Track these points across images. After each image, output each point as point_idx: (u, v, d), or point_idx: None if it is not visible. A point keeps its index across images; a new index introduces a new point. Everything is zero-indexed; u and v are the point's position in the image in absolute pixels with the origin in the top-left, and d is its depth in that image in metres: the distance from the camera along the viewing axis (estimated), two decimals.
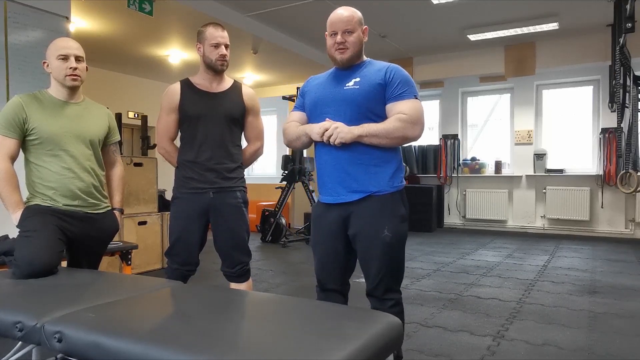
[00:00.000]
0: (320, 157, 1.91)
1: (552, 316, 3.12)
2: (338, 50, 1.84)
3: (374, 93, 1.80)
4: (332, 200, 1.87)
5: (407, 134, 1.78)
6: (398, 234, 1.81)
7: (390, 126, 1.76)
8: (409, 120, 1.76)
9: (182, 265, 2.31)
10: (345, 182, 1.82)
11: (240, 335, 1.22)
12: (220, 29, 2.28)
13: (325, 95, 1.87)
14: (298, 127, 1.93)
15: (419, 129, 1.79)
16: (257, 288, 3.85)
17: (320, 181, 1.94)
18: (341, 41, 1.82)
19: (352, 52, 1.84)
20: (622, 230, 7.06)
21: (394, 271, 1.85)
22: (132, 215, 4.46)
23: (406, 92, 1.80)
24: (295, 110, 2.03)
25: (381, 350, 1.19)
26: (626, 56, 5.19)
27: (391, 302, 1.85)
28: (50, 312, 1.35)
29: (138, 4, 4.59)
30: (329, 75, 1.95)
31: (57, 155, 2.02)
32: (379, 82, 1.81)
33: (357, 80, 1.84)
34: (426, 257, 5.38)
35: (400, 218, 1.83)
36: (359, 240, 1.83)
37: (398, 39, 6.75)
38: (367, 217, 1.80)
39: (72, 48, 2.04)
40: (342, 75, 1.89)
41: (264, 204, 7.71)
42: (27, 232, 1.92)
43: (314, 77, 2.02)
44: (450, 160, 8.29)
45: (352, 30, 1.82)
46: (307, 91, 1.99)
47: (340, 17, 1.83)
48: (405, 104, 1.79)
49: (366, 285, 1.88)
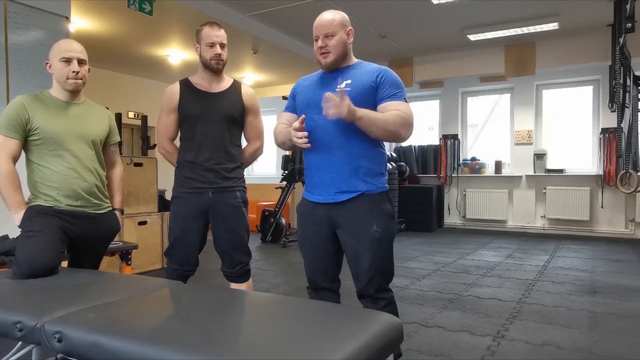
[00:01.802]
0: (310, 158, 1.91)
1: (552, 316, 3.12)
2: (321, 55, 1.86)
3: (365, 95, 1.82)
4: (322, 200, 1.87)
5: (400, 132, 1.79)
6: (386, 231, 1.83)
7: (390, 118, 1.77)
8: (406, 119, 1.79)
9: (181, 265, 2.31)
10: (334, 182, 1.84)
11: (240, 335, 1.22)
12: (217, 28, 2.27)
13: (316, 97, 1.86)
14: (285, 129, 1.94)
15: (410, 130, 1.83)
16: (257, 288, 3.85)
17: (309, 180, 1.94)
18: (322, 45, 1.85)
19: (335, 55, 1.86)
20: (622, 230, 7.06)
21: (383, 268, 1.85)
22: (132, 215, 4.46)
23: (397, 94, 1.83)
24: (286, 112, 2.03)
25: (381, 350, 1.19)
26: (626, 56, 5.19)
27: (384, 301, 1.85)
28: (50, 312, 1.35)
29: (138, 4, 4.59)
30: (320, 76, 1.96)
31: (60, 155, 2.02)
32: (370, 84, 1.83)
33: (349, 82, 1.85)
34: (426, 257, 5.38)
35: (389, 215, 1.85)
36: (348, 239, 1.84)
37: (398, 39, 6.75)
38: (355, 215, 1.82)
39: (75, 51, 2.05)
40: (331, 77, 1.90)
41: (264, 204, 7.70)
42: (29, 232, 1.92)
43: (305, 78, 2.02)
44: (450, 160, 8.29)
45: (333, 34, 1.83)
46: (297, 92, 2.00)
47: (320, 21, 1.86)
48: (400, 104, 1.81)
49: (356, 287, 1.88)
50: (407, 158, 8.49)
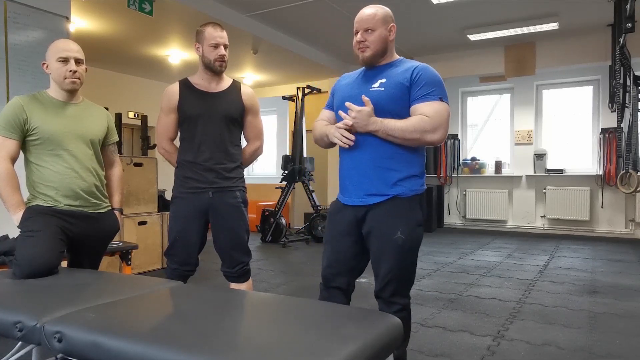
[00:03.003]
0: (342, 159, 1.90)
1: (552, 316, 3.12)
2: (359, 50, 1.82)
3: (398, 95, 1.76)
4: (351, 202, 1.85)
5: (424, 138, 1.72)
6: (411, 238, 1.78)
7: (409, 126, 1.71)
8: (430, 123, 1.71)
9: (180, 265, 2.31)
10: (364, 185, 1.80)
11: (240, 335, 1.22)
12: (219, 29, 2.27)
13: (352, 96, 1.84)
14: (324, 126, 1.92)
15: (439, 133, 1.73)
16: (257, 288, 3.85)
17: (341, 182, 1.92)
18: (360, 40, 1.80)
19: (373, 51, 1.81)
20: (622, 230, 7.06)
21: (403, 274, 1.82)
22: (132, 215, 4.46)
23: (431, 93, 1.74)
24: (326, 109, 2.02)
25: (381, 351, 1.19)
26: (626, 56, 5.19)
27: (398, 306, 1.82)
28: (50, 312, 1.35)
29: (138, 4, 4.59)
30: (358, 75, 1.94)
31: (59, 155, 2.02)
32: (404, 83, 1.76)
33: (383, 81, 1.80)
34: (426, 257, 5.37)
35: (416, 222, 1.80)
36: (373, 239, 1.81)
37: (398, 39, 6.67)
38: (382, 217, 1.78)
39: (72, 51, 2.04)
40: (370, 75, 1.87)
41: (264, 204, 7.70)
42: (28, 232, 1.92)
43: (345, 76, 2.01)
44: (450, 160, 8.29)
45: (373, 29, 1.79)
46: (336, 90, 1.98)
47: (361, 15, 1.82)
48: (429, 105, 1.73)
49: (375, 286, 1.87)
50: None
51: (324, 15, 5.54)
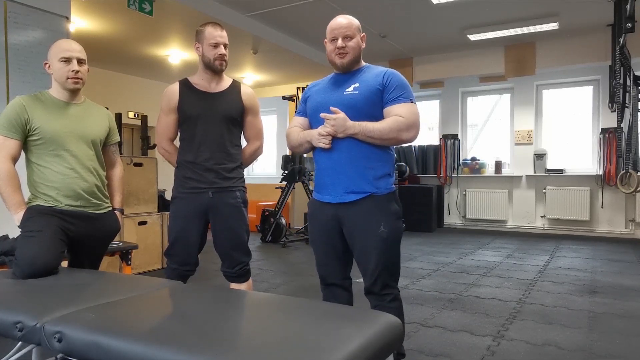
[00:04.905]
0: (319, 159, 1.98)
1: (552, 316, 3.12)
2: (338, 55, 1.92)
3: (372, 98, 1.88)
4: (330, 200, 1.93)
5: (401, 136, 1.85)
6: (394, 230, 1.88)
7: (386, 127, 1.83)
8: (405, 123, 1.83)
9: (180, 265, 2.31)
10: (342, 183, 1.89)
11: (240, 335, 1.22)
12: (219, 29, 2.27)
13: (326, 101, 1.93)
14: (300, 132, 2.01)
15: (413, 132, 1.87)
16: (257, 288, 3.85)
17: (319, 181, 2.00)
18: (342, 46, 1.90)
19: (352, 57, 1.93)
20: (622, 230, 7.06)
21: (391, 266, 1.91)
22: (132, 215, 4.46)
23: (402, 96, 1.87)
24: (298, 116, 2.10)
25: (381, 351, 1.19)
26: (626, 56, 5.19)
27: (390, 297, 1.91)
28: (50, 312, 1.35)
29: (138, 4, 4.59)
30: (329, 81, 2.03)
31: (60, 155, 2.02)
32: (377, 86, 1.88)
33: (357, 85, 1.91)
34: (426, 257, 5.38)
35: (395, 215, 1.90)
36: (356, 238, 1.89)
37: (398, 39, 6.75)
38: (363, 215, 1.86)
39: (74, 51, 2.05)
40: (342, 80, 1.96)
41: (264, 204, 7.70)
42: (29, 232, 1.92)
43: (314, 83, 2.10)
44: (450, 160, 8.29)
45: (352, 36, 1.92)
46: (308, 97, 2.06)
47: (340, 24, 1.92)
48: (403, 107, 1.86)
49: (364, 283, 1.93)
50: (407, 158, 8.49)
51: (324, 15, 5.53)
